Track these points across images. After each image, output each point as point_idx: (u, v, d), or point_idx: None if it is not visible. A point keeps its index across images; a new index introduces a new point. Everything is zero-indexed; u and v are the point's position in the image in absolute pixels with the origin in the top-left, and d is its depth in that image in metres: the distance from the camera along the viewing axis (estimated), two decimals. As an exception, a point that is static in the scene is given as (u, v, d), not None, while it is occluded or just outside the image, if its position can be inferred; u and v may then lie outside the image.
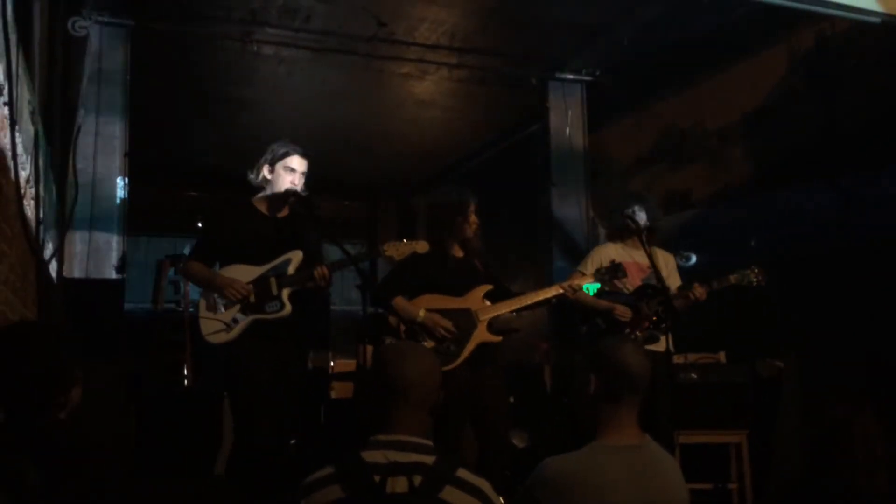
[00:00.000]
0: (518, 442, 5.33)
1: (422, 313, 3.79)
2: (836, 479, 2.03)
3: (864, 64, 4.96)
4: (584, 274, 4.29)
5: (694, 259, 5.65)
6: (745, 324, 5.10)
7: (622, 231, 4.47)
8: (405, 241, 3.70)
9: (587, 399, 2.17)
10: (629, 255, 4.39)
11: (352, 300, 10.00)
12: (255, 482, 3.44)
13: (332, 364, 7.00)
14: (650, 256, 3.97)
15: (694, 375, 4.85)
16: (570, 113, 7.08)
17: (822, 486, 2.09)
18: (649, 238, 4.30)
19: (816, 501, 2.11)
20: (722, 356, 5.12)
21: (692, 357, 5.00)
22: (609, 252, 4.43)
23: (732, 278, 4.25)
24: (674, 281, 4.43)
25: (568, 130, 7.07)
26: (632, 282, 4.37)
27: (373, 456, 1.84)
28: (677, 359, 4.86)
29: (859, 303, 4.67)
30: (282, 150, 3.70)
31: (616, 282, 4.25)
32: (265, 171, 3.71)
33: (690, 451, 4.45)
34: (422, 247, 3.70)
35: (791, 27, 5.44)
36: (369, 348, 4.16)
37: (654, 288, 4.25)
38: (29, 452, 1.80)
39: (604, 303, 4.32)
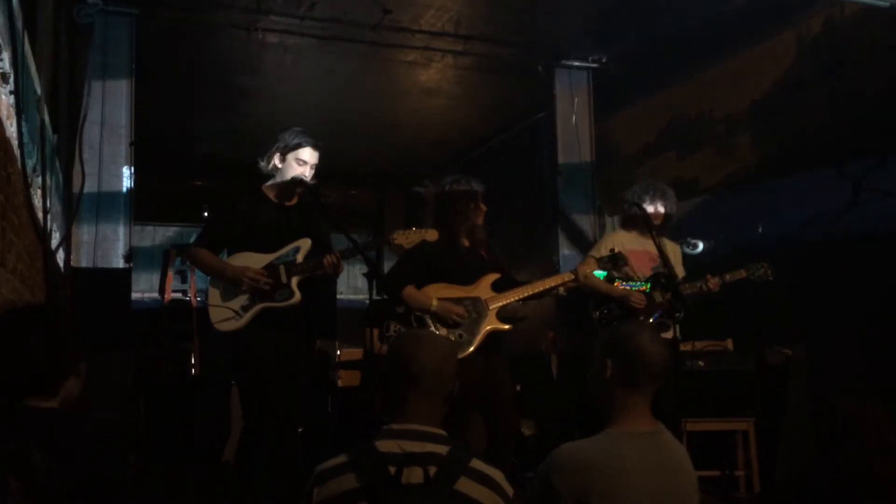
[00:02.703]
0: (525, 430, 5.34)
1: (435, 303, 3.78)
2: (847, 466, 2.03)
3: (873, 50, 4.92)
4: (595, 259, 4.29)
5: (701, 247, 5.63)
6: (752, 311, 5.08)
7: (633, 220, 4.46)
8: (414, 229, 3.69)
9: (602, 384, 2.16)
10: (640, 244, 4.40)
11: (358, 289, 10.03)
12: (263, 469, 3.45)
13: (338, 353, 7.02)
14: (658, 247, 3.96)
15: (701, 363, 4.84)
16: (576, 100, 7.05)
17: (831, 473, 2.09)
18: (661, 227, 4.33)
19: (825, 489, 2.10)
20: (729, 343, 5.11)
21: (699, 345, 4.99)
22: (620, 239, 4.43)
23: (744, 272, 4.36)
24: (678, 272, 4.45)
25: (574, 118, 7.04)
26: (642, 270, 4.38)
27: (387, 445, 1.84)
28: (684, 346, 4.85)
29: (867, 290, 4.65)
30: (294, 141, 3.67)
31: (627, 269, 4.27)
32: (276, 160, 3.70)
33: (697, 439, 4.44)
34: (431, 235, 3.69)
35: (799, 13, 5.40)
36: (376, 332, 4.16)
37: (667, 277, 4.25)
38: (29, 437, 1.81)
39: (619, 289, 4.35)
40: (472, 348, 3.75)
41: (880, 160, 4.73)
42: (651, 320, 4.28)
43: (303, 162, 3.66)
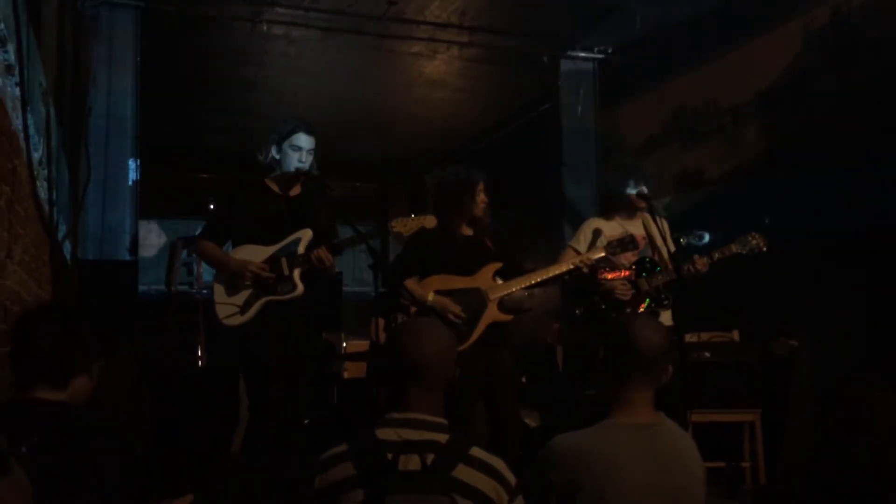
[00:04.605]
0: (530, 421, 5.34)
1: (431, 297, 3.77)
2: (854, 457, 2.02)
3: (880, 40, 4.89)
4: (576, 249, 4.18)
5: (707, 238, 5.61)
6: (759, 302, 5.07)
7: (615, 207, 4.29)
8: (413, 216, 3.68)
9: (600, 376, 2.16)
10: (622, 228, 4.22)
11: (364, 281, 10.03)
12: (270, 460, 3.46)
13: (344, 345, 7.03)
14: (659, 230, 3.91)
15: (707, 354, 4.83)
16: (581, 91, 7.03)
17: (837, 465, 2.08)
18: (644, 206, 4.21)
19: (832, 479, 2.10)
20: (735, 335, 5.10)
21: (705, 336, 4.98)
22: (600, 225, 4.27)
23: (734, 247, 4.07)
24: (669, 247, 4.21)
25: (579, 109, 7.02)
26: (626, 257, 4.24)
27: (386, 433, 1.84)
28: (690, 337, 4.84)
29: (874, 282, 4.63)
30: (287, 129, 3.67)
31: (611, 258, 4.15)
32: (273, 151, 3.70)
33: (703, 430, 4.44)
34: (430, 221, 3.67)
35: (805, 3, 5.37)
36: (381, 321, 4.16)
37: (652, 261, 4.16)
38: (27, 428, 1.83)
39: (604, 282, 4.13)
40: (471, 341, 3.74)
41: (888, 152, 4.70)
42: (640, 310, 4.14)
43: (298, 148, 3.65)
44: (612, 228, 4.23)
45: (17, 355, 2.03)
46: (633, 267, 4.19)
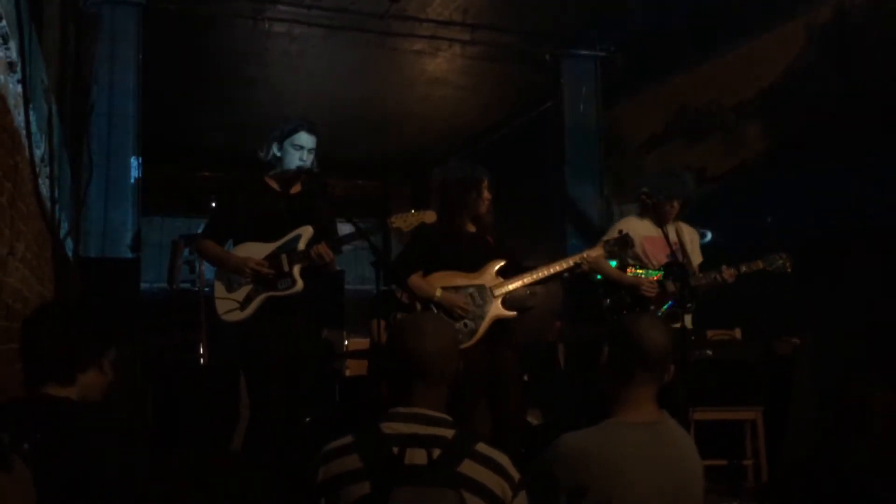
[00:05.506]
0: (532, 419, 5.34)
1: (438, 293, 3.78)
2: (854, 453, 2.02)
3: (884, 38, 4.88)
4: (602, 243, 4.23)
5: (709, 236, 5.60)
6: (762, 301, 5.06)
7: (647, 209, 4.41)
8: (413, 211, 3.68)
9: (603, 373, 2.17)
10: (656, 231, 4.30)
11: (366, 278, 10.02)
12: (271, 457, 3.46)
13: (346, 342, 7.03)
14: (667, 237, 3.94)
15: (709, 352, 4.82)
16: (583, 89, 7.03)
17: (838, 460, 2.09)
18: (680, 212, 4.30)
19: (832, 477, 2.10)
20: (738, 333, 5.09)
21: (708, 333, 4.97)
22: (633, 226, 4.36)
23: (761, 263, 4.27)
24: (696, 258, 4.42)
25: (582, 107, 7.03)
26: (658, 258, 4.35)
27: (392, 428, 1.85)
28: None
29: (876, 282, 4.62)
30: (289, 127, 3.68)
31: (635, 252, 4.24)
32: (274, 149, 3.70)
33: (705, 428, 4.44)
34: (429, 216, 3.66)
35: (808, 0, 5.36)
36: (382, 323, 4.16)
37: (681, 265, 4.23)
38: (18, 421, 1.84)
39: (630, 277, 4.31)
40: (476, 337, 3.74)
41: (888, 151, 4.69)
42: (664, 309, 4.23)
43: (299, 146, 3.65)
44: (644, 229, 4.33)
45: (24, 354, 2.04)
46: (663, 268, 4.31)
